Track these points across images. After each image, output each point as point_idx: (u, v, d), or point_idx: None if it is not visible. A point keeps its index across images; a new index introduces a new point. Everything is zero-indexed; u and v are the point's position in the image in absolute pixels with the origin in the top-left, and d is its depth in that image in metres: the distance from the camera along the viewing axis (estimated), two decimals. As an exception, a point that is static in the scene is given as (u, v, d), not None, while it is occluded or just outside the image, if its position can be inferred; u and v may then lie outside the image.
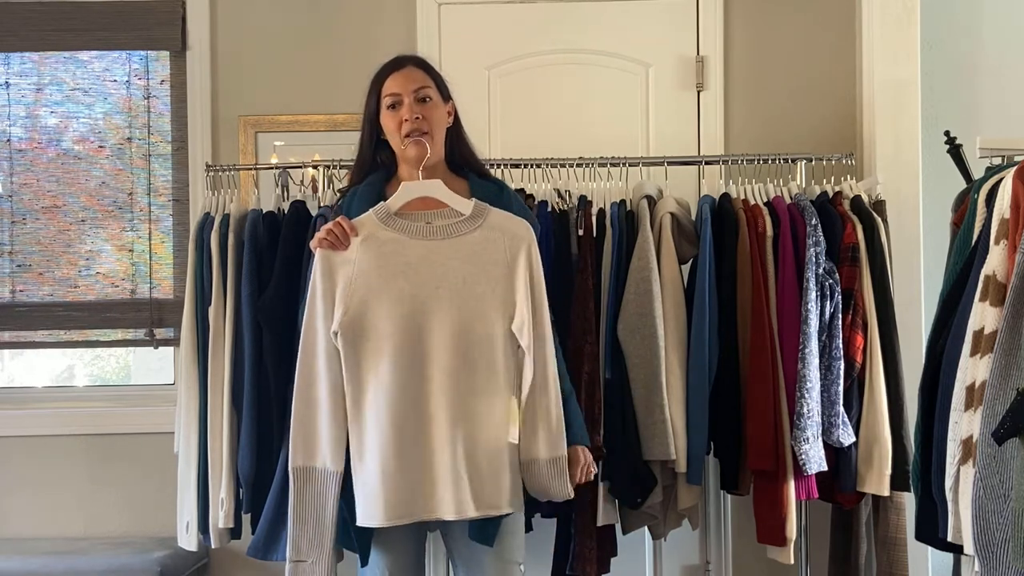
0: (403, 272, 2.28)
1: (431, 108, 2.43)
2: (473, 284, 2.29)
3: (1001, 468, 1.95)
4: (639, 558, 3.42)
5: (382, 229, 2.31)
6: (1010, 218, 2.09)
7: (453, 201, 2.36)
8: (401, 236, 2.31)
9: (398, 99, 2.41)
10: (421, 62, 2.49)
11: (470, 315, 2.27)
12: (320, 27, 3.62)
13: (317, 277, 2.30)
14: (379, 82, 2.46)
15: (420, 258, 2.29)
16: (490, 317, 2.28)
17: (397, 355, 2.25)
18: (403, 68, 2.45)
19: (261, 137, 3.61)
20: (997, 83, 3.56)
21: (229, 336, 2.92)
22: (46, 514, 3.61)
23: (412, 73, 2.45)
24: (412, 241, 2.30)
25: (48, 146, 3.71)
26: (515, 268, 2.32)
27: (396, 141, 2.43)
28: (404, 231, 2.31)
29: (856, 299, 2.89)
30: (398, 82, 2.43)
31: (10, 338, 3.70)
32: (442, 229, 2.32)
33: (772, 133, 3.50)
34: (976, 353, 2.07)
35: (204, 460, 2.94)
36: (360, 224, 2.32)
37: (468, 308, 2.27)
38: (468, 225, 2.34)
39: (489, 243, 2.32)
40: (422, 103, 2.42)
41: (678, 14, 3.58)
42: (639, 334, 2.85)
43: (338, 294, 2.28)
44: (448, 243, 2.31)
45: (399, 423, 2.23)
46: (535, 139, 3.41)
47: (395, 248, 2.29)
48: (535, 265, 2.35)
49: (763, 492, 2.90)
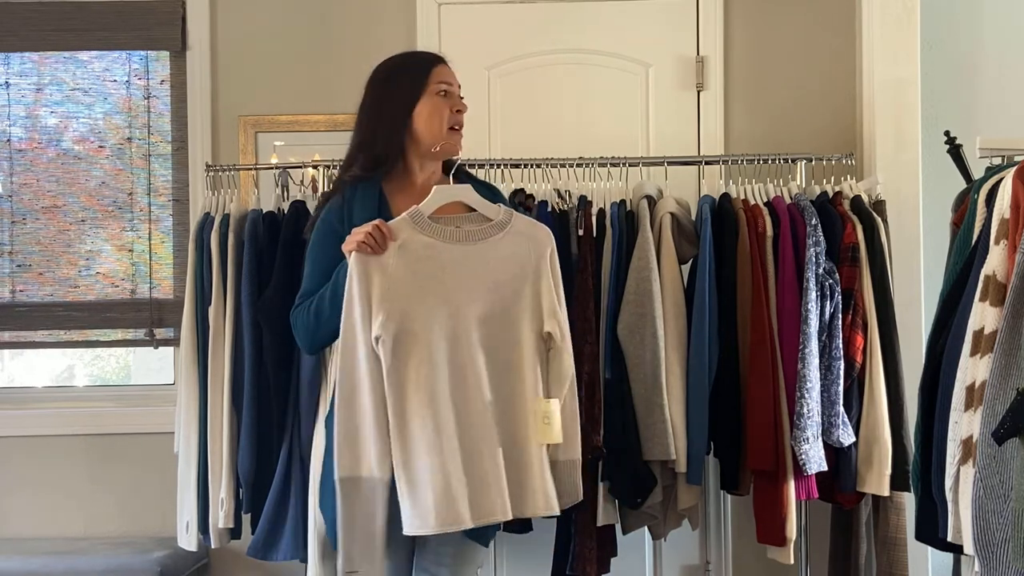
0: (437, 276, 2.29)
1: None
2: (503, 288, 2.32)
3: (1001, 468, 1.95)
4: (639, 558, 3.42)
5: (418, 233, 2.31)
6: (1010, 218, 2.09)
7: (482, 206, 2.38)
8: (436, 241, 2.32)
9: (451, 88, 2.44)
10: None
11: (504, 319, 2.30)
12: (320, 27, 3.62)
13: (354, 282, 2.26)
14: (425, 69, 2.43)
15: (455, 262, 2.31)
16: (521, 320, 2.32)
17: (437, 361, 2.25)
18: (446, 63, 2.48)
19: (261, 137, 3.61)
20: (997, 83, 3.56)
21: (229, 336, 2.92)
22: (46, 514, 3.61)
23: (453, 70, 2.49)
24: (446, 246, 2.32)
25: (48, 146, 3.71)
26: (541, 272, 2.36)
27: (437, 129, 2.41)
28: (438, 235, 2.32)
29: (856, 299, 2.89)
30: (447, 73, 2.46)
31: (10, 338, 3.70)
32: (473, 234, 2.34)
33: (772, 133, 3.50)
34: (976, 353, 2.07)
35: (204, 460, 2.94)
36: (397, 228, 2.31)
37: (501, 312, 2.30)
38: (496, 230, 2.36)
39: (517, 248, 2.36)
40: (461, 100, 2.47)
41: (678, 14, 3.58)
42: (639, 334, 2.85)
43: (375, 299, 2.26)
44: (478, 247, 2.34)
45: (443, 428, 2.23)
46: (535, 139, 3.41)
47: (431, 253, 2.31)
48: (557, 269, 2.41)
49: (763, 492, 2.89)
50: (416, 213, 2.33)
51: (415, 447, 2.22)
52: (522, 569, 3.40)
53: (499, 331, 2.29)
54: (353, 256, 2.26)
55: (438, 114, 2.41)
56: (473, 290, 2.29)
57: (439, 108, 2.41)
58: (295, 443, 2.83)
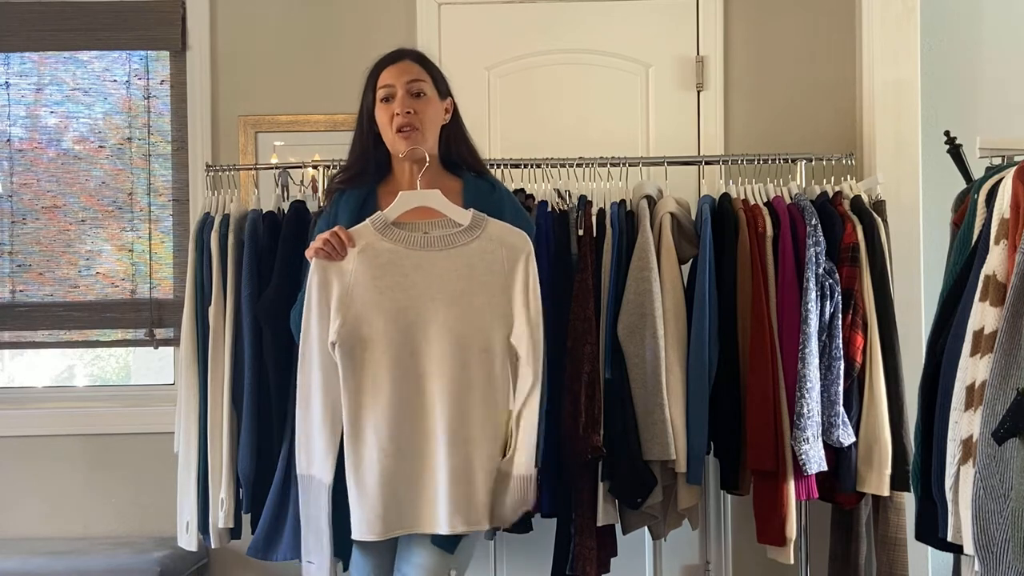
0: (399, 284, 2.25)
1: (424, 103, 2.39)
2: (471, 296, 2.26)
3: (1001, 468, 1.95)
4: (639, 558, 3.42)
5: (379, 239, 2.28)
6: (1010, 218, 2.10)
7: (451, 211, 2.32)
8: (398, 247, 2.27)
9: (391, 91, 2.38)
10: (418, 56, 2.46)
11: (467, 328, 2.24)
12: (320, 27, 3.62)
13: (313, 287, 2.27)
14: (375, 75, 2.42)
15: (417, 269, 2.26)
16: (487, 329, 2.25)
17: (394, 368, 2.23)
18: (400, 61, 2.42)
19: (261, 137, 3.61)
20: (997, 83, 3.56)
21: (229, 336, 2.92)
22: (46, 514, 3.61)
23: (407, 66, 2.42)
24: (409, 252, 2.27)
25: (48, 146, 3.71)
26: (513, 279, 2.28)
27: (388, 136, 2.40)
28: (401, 241, 2.28)
29: (856, 299, 2.89)
30: (392, 74, 2.40)
31: (10, 338, 3.70)
32: (439, 240, 2.29)
33: (772, 133, 3.50)
34: (976, 353, 2.07)
35: (204, 460, 2.94)
36: (357, 234, 2.28)
37: (465, 320, 2.24)
38: (466, 236, 2.29)
39: (487, 254, 2.28)
40: (415, 97, 2.38)
41: (678, 14, 3.58)
42: (639, 334, 2.85)
43: (334, 305, 2.25)
44: (445, 254, 2.27)
45: (396, 437, 2.22)
46: (535, 139, 3.41)
47: (392, 259, 2.26)
48: (532, 277, 2.31)
49: (763, 492, 2.89)
50: (378, 218, 2.29)
51: (368, 454, 2.23)
52: (522, 569, 3.40)
53: (463, 340, 2.23)
54: (313, 262, 2.27)
55: (385, 122, 2.39)
56: (436, 298, 2.24)
57: (382, 115, 2.39)
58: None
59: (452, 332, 2.23)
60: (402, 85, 2.38)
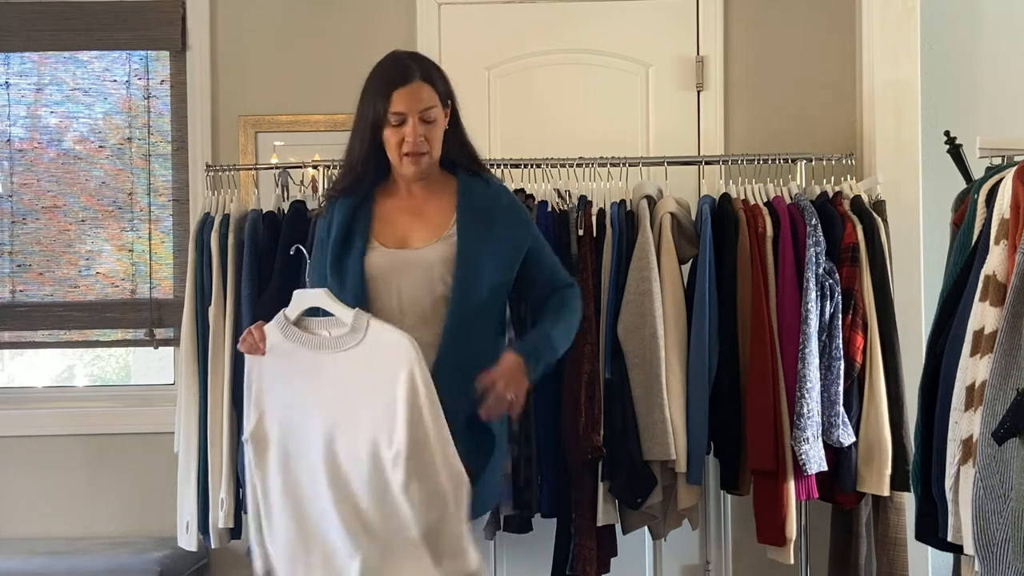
0: (296, 383, 2.19)
1: (433, 127, 2.36)
2: (360, 400, 2.12)
3: (1001, 468, 1.95)
4: (639, 558, 3.42)
5: (283, 339, 2.21)
6: (1010, 218, 2.10)
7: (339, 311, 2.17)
8: (296, 347, 2.20)
9: (403, 118, 2.33)
10: (426, 74, 2.39)
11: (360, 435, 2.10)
12: (320, 27, 3.62)
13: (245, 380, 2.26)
14: (385, 92, 2.35)
15: (311, 371, 2.18)
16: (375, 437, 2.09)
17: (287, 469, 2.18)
18: (410, 83, 2.35)
19: (261, 137, 3.61)
20: (997, 83, 3.56)
21: (229, 336, 2.92)
22: (46, 514, 3.61)
23: (418, 90, 2.35)
24: (309, 353, 2.19)
25: (48, 146, 3.71)
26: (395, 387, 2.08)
27: (395, 156, 2.37)
28: (300, 342, 2.20)
29: (856, 299, 2.89)
30: (404, 100, 2.33)
31: (10, 338, 3.70)
32: (334, 341, 2.18)
33: (772, 133, 3.50)
34: (976, 353, 2.07)
35: (204, 460, 2.95)
36: (268, 331, 2.23)
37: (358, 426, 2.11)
38: (352, 338, 2.15)
39: (372, 358, 2.13)
40: (426, 124, 2.34)
41: (678, 14, 3.58)
42: (639, 334, 2.86)
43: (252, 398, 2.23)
44: (338, 356, 2.17)
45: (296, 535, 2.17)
46: (535, 139, 3.41)
47: (292, 359, 2.20)
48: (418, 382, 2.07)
49: (763, 492, 2.90)
50: (281, 318, 2.23)
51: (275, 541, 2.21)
52: (522, 569, 3.40)
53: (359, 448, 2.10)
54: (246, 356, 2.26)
55: (392, 144, 2.36)
56: (333, 402, 2.14)
57: (391, 136, 2.35)
58: (295, 443, 2.83)
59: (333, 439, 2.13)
60: (415, 112, 2.33)
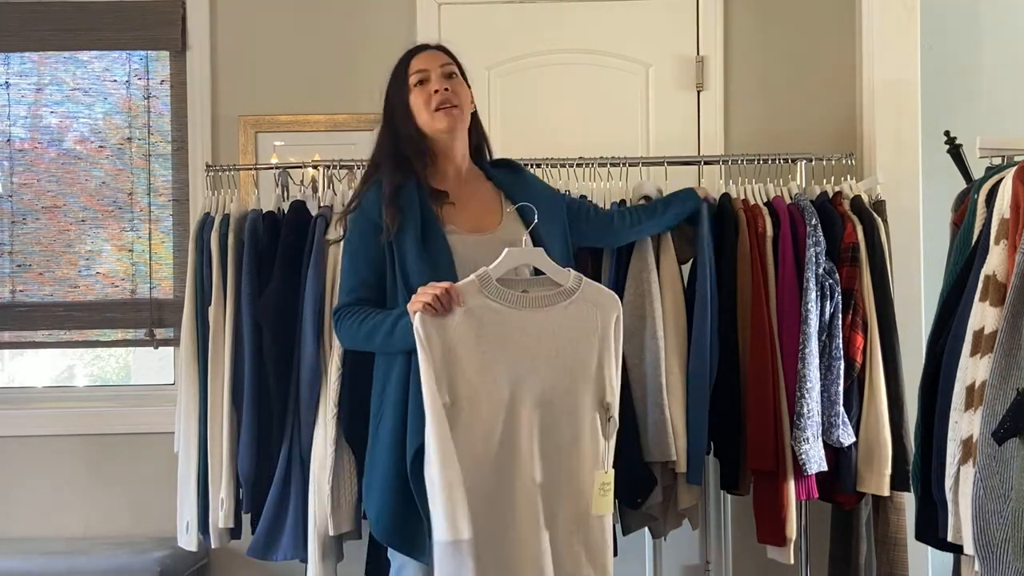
0: (502, 344, 2.25)
1: (458, 83, 2.46)
2: (568, 358, 2.28)
3: (1001, 468, 1.95)
4: (639, 558, 3.42)
5: (484, 298, 2.26)
6: (1010, 218, 2.10)
7: (552, 271, 2.33)
8: (502, 306, 2.27)
9: (425, 75, 2.43)
10: (442, 47, 2.54)
11: (565, 390, 2.27)
12: (320, 27, 3.62)
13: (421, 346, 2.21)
14: (404, 66, 2.48)
15: (519, 330, 2.27)
16: (584, 392, 2.28)
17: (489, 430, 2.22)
18: (426, 50, 2.50)
19: (261, 137, 3.61)
20: (997, 83, 3.56)
21: (229, 336, 2.92)
22: (46, 514, 3.61)
23: (435, 54, 2.49)
24: (511, 311, 2.27)
25: (48, 146, 3.71)
26: (606, 342, 2.31)
27: (425, 116, 2.42)
28: (505, 300, 2.28)
29: (856, 299, 2.89)
30: (423, 59, 2.46)
31: (10, 338, 3.70)
32: (539, 299, 2.30)
33: (772, 133, 3.50)
34: (976, 353, 2.07)
35: (204, 460, 2.94)
36: (464, 292, 2.26)
37: (563, 383, 2.27)
38: (564, 297, 2.31)
39: (583, 316, 2.30)
40: (449, 78, 2.44)
41: (678, 14, 3.58)
42: (639, 335, 2.85)
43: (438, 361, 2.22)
44: (544, 314, 2.29)
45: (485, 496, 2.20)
46: (535, 139, 3.40)
47: (497, 319, 2.26)
48: (620, 336, 2.35)
49: (763, 492, 2.89)
50: (484, 276, 2.28)
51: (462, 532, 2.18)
52: (522, 569, 3.40)
53: (559, 403, 2.26)
54: (418, 317, 2.22)
55: (421, 104, 2.43)
56: (535, 359, 2.26)
57: (418, 98, 2.43)
58: (295, 443, 2.83)
59: (546, 395, 2.25)
60: (435, 67, 2.45)
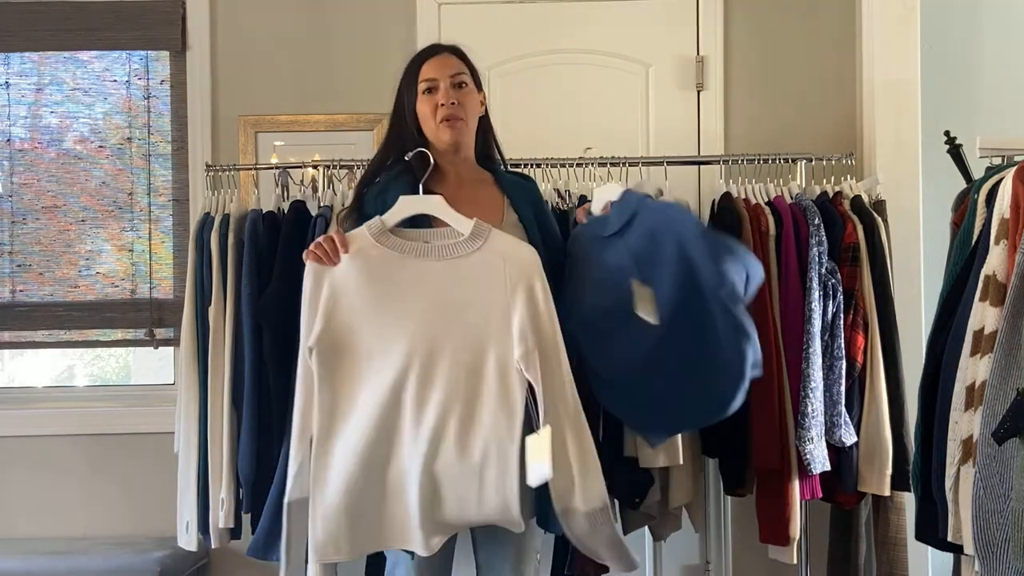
0: (392, 293, 2.15)
1: (466, 94, 2.43)
2: (464, 310, 2.15)
3: (1001, 468, 1.95)
4: (639, 558, 3.41)
5: (374, 246, 2.18)
6: (1010, 218, 2.10)
7: (452, 219, 2.21)
8: (393, 254, 2.18)
9: (434, 84, 2.41)
10: (456, 50, 2.50)
11: (458, 343, 2.13)
12: (320, 27, 3.62)
13: (304, 291, 2.19)
14: (414, 70, 2.45)
15: (411, 279, 2.16)
16: (480, 347, 2.13)
17: (374, 381, 2.13)
18: (439, 54, 2.46)
19: (261, 137, 3.61)
20: (997, 83, 3.56)
21: (229, 336, 2.92)
22: (46, 514, 3.61)
23: (447, 60, 2.45)
24: (405, 260, 2.17)
25: (48, 146, 3.71)
26: (516, 295, 2.14)
27: (431, 127, 2.41)
28: (399, 249, 2.18)
29: (857, 299, 2.89)
30: (434, 67, 2.43)
31: (10, 338, 3.70)
32: (439, 249, 2.19)
33: (772, 133, 3.50)
34: (976, 353, 2.07)
35: (204, 460, 2.94)
36: (352, 238, 2.20)
37: (457, 335, 2.13)
38: (467, 246, 2.18)
39: (488, 267, 2.16)
40: (458, 89, 2.41)
41: (678, 14, 3.58)
42: (639, 334, 2.85)
43: (320, 309, 2.16)
44: (443, 264, 2.17)
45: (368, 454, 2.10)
46: (535, 139, 3.40)
47: (384, 267, 2.17)
48: (540, 294, 2.16)
49: (767, 492, 2.89)
50: (375, 224, 2.21)
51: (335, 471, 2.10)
52: (522, 569, 3.40)
53: (455, 355, 2.11)
54: (307, 265, 2.21)
55: (427, 113, 2.41)
56: (429, 310, 2.13)
57: (425, 106, 2.41)
58: (295, 443, 2.83)
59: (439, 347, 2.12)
60: (445, 77, 2.41)
